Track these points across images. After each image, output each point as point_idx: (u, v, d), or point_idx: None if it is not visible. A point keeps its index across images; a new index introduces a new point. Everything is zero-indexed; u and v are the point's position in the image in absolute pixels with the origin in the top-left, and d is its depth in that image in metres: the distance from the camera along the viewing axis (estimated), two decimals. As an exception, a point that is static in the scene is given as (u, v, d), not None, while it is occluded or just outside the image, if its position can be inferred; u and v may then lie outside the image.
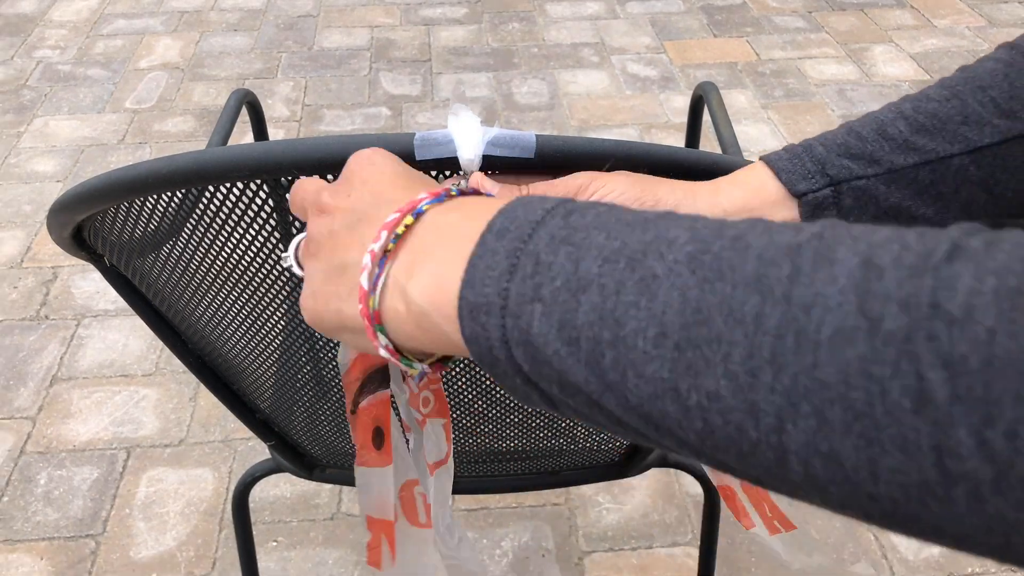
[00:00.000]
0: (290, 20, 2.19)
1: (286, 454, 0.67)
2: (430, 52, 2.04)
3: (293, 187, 0.32)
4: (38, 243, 1.48)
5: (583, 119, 1.81)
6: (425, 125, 1.78)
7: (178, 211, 0.41)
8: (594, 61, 2.01)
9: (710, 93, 0.67)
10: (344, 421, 0.61)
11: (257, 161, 0.36)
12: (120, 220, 0.43)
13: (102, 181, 0.39)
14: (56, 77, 1.95)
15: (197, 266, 0.45)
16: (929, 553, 1.00)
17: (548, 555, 1.00)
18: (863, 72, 1.95)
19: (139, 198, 0.40)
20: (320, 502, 1.06)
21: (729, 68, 1.98)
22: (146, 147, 1.73)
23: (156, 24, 2.16)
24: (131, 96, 1.88)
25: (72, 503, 1.06)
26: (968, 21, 2.16)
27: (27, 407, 1.19)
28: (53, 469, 1.11)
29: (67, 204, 0.41)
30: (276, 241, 0.43)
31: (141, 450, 1.13)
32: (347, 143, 0.35)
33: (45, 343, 1.29)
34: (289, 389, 0.60)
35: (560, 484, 0.73)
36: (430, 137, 0.35)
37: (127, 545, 1.01)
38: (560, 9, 2.24)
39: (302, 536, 1.02)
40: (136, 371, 1.25)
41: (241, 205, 0.40)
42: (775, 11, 2.22)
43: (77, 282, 1.39)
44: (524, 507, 1.05)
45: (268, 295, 0.47)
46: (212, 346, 0.55)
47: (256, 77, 1.96)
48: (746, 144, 1.76)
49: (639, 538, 1.02)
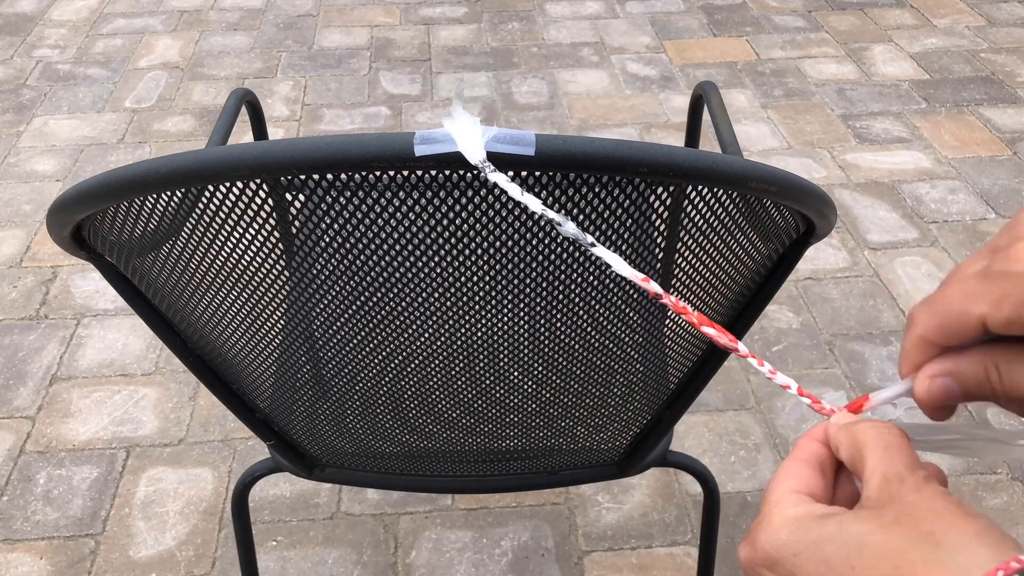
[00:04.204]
0: (290, 19, 2.19)
1: (286, 453, 0.67)
2: (430, 52, 2.03)
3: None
4: (38, 242, 1.48)
5: (582, 119, 1.81)
6: (425, 125, 1.78)
7: (178, 210, 0.41)
8: (594, 61, 2.00)
9: (710, 93, 0.67)
10: (344, 420, 0.61)
11: (256, 160, 0.36)
12: (120, 220, 0.43)
13: (102, 181, 0.38)
14: (56, 76, 1.95)
15: (197, 266, 0.45)
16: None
17: (548, 554, 1.00)
18: (863, 72, 1.95)
19: (139, 198, 0.40)
20: (320, 501, 1.06)
21: (729, 68, 1.97)
22: (146, 146, 1.73)
23: (156, 23, 2.16)
24: (131, 95, 1.88)
25: (72, 502, 1.06)
26: (968, 20, 2.16)
27: (26, 406, 1.19)
28: (53, 468, 1.11)
29: (67, 203, 0.41)
30: (276, 240, 0.42)
31: (141, 449, 1.13)
32: (347, 143, 0.35)
33: (45, 342, 1.29)
34: (289, 388, 0.60)
35: (559, 484, 0.73)
36: (430, 136, 0.35)
37: (127, 545, 1.01)
38: (560, 8, 2.24)
39: (302, 535, 1.02)
40: (136, 370, 1.25)
41: (241, 204, 0.40)
42: (775, 10, 2.21)
43: (77, 281, 1.39)
44: (523, 506, 1.05)
45: (268, 295, 0.47)
46: (212, 345, 0.55)
47: (256, 76, 1.96)
48: (746, 144, 1.76)
49: (639, 537, 1.02)
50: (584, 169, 0.37)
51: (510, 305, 0.47)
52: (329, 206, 0.40)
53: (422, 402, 0.58)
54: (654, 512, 1.05)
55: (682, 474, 1.09)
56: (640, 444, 0.67)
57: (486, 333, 0.50)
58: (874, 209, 1.54)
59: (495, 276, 0.45)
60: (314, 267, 0.45)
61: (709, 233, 0.44)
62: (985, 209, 1.54)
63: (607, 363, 0.55)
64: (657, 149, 0.38)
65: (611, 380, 0.57)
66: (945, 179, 1.62)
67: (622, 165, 0.37)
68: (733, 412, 1.18)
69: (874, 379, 1.23)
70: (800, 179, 0.42)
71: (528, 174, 0.38)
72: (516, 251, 0.43)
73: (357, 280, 0.45)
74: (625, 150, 0.37)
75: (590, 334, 0.51)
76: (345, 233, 0.42)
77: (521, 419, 0.60)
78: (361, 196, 0.40)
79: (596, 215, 0.41)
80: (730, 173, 0.39)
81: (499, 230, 0.41)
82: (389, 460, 0.68)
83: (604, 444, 0.66)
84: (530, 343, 0.51)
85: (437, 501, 1.06)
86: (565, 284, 0.46)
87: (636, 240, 0.44)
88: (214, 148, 0.37)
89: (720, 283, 0.50)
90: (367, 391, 0.57)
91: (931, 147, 1.71)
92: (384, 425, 0.62)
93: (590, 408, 0.60)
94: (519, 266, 0.44)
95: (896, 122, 1.78)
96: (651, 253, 0.47)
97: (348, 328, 0.50)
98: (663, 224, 0.44)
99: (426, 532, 1.03)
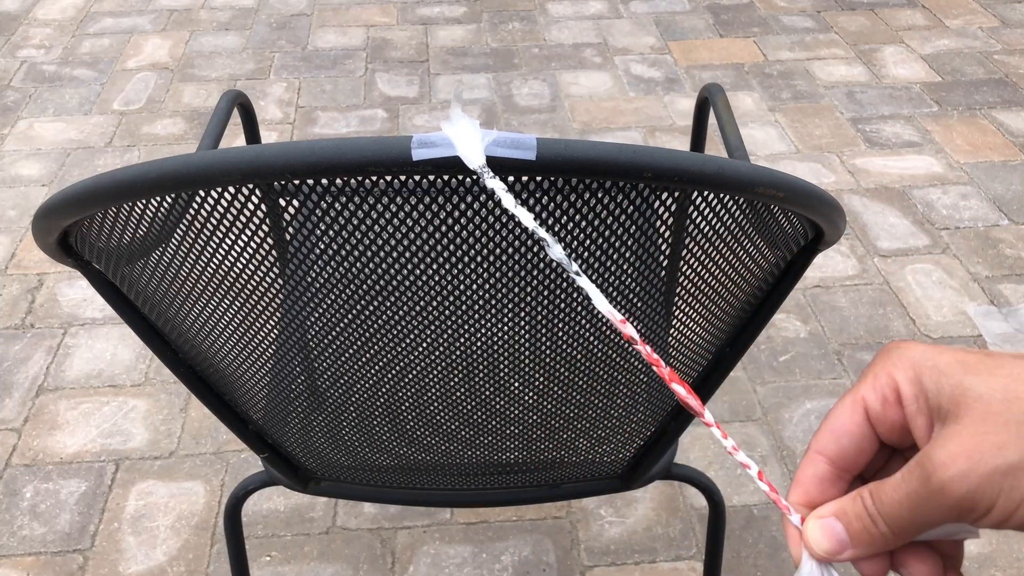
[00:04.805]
0: (283, 19, 2.18)
1: (280, 466, 0.66)
2: (428, 52, 2.03)
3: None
4: (23, 249, 1.46)
5: (585, 121, 1.80)
6: (422, 128, 1.77)
7: (167, 216, 0.39)
8: (597, 62, 2.00)
9: (716, 95, 0.66)
10: (340, 432, 0.60)
11: (249, 165, 0.35)
12: (108, 226, 0.42)
13: (89, 185, 0.37)
14: (41, 77, 1.93)
15: (187, 273, 0.44)
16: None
17: (549, 569, 0.98)
18: (873, 74, 1.94)
19: (127, 203, 0.39)
20: (315, 516, 1.04)
21: (735, 69, 1.97)
22: (134, 150, 1.72)
23: (144, 23, 2.15)
24: (119, 97, 1.87)
25: (59, 517, 1.04)
26: (981, 21, 2.15)
27: (12, 418, 1.17)
28: (39, 482, 1.08)
29: (53, 209, 0.40)
30: (269, 247, 0.41)
31: (130, 462, 1.11)
32: (342, 146, 0.34)
33: (31, 352, 1.27)
34: (283, 400, 0.58)
35: (561, 497, 0.71)
36: (428, 140, 0.33)
37: (116, 560, 0.99)
38: (562, 8, 2.23)
39: (296, 551, 1.00)
40: (125, 381, 1.23)
41: (233, 210, 0.38)
42: (783, 11, 2.20)
43: (63, 289, 1.37)
44: (524, 520, 1.03)
45: (261, 303, 0.46)
46: (203, 356, 0.54)
47: (248, 78, 1.95)
48: (753, 148, 1.75)
49: (642, 552, 1.00)
50: (586, 174, 0.36)
51: (510, 314, 0.46)
52: (324, 212, 0.39)
53: (420, 414, 0.57)
54: (658, 526, 1.03)
55: (687, 487, 1.07)
56: (644, 457, 0.65)
57: (486, 343, 0.49)
58: (884, 215, 1.53)
59: (495, 284, 0.43)
60: (308, 275, 0.43)
61: (715, 240, 0.43)
62: (998, 215, 1.53)
63: (610, 373, 0.53)
64: (661, 154, 0.37)
65: (614, 391, 0.56)
66: (957, 184, 1.60)
67: (625, 170, 0.36)
68: (739, 423, 1.16)
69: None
70: (808, 184, 0.41)
71: (529, 179, 0.36)
72: (517, 258, 0.42)
73: (353, 288, 0.44)
74: (629, 154, 0.36)
75: (592, 343, 0.50)
76: (340, 240, 0.40)
77: (522, 431, 0.59)
78: (357, 202, 0.38)
79: (599, 221, 0.40)
80: (737, 178, 0.38)
81: (499, 236, 0.40)
82: (386, 473, 0.67)
83: (607, 457, 0.65)
84: (531, 353, 0.50)
85: (435, 515, 1.04)
86: (567, 292, 0.45)
87: (640, 247, 0.43)
88: (205, 152, 0.35)
89: (726, 291, 0.49)
90: (363, 402, 0.56)
91: (943, 151, 1.69)
92: (381, 437, 0.61)
93: (593, 420, 0.59)
94: (519, 273, 0.43)
95: (907, 126, 1.77)
96: (655, 260, 0.46)
97: (344, 337, 0.49)
98: (667, 231, 0.43)
99: (424, 547, 1.01)
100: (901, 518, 0.25)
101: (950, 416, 0.25)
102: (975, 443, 0.23)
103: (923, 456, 0.25)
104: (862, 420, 0.27)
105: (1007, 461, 0.23)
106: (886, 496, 0.25)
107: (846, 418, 0.27)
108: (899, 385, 0.26)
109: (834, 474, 0.28)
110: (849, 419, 0.27)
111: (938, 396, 0.25)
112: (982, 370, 0.25)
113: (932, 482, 0.24)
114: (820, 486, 0.28)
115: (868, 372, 0.28)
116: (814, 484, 0.28)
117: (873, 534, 0.26)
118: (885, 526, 0.25)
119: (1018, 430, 0.23)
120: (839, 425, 0.28)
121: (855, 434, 0.27)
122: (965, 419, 0.24)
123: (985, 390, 0.24)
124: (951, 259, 1.43)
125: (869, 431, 0.27)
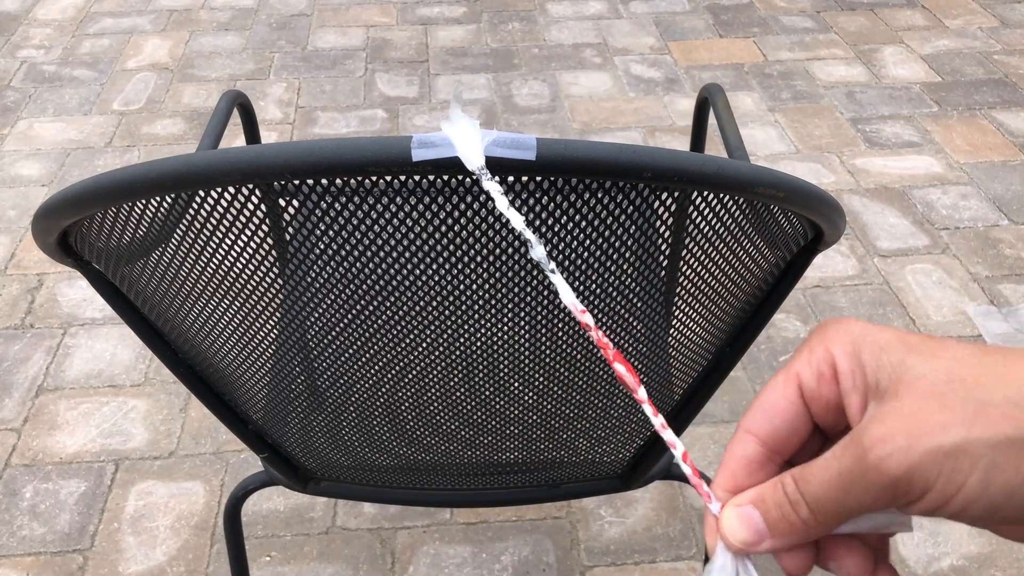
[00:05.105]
0: (283, 19, 2.18)
1: (280, 467, 0.66)
2: (427, 52, 2.02)
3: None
4: (23, 249, 1.46)
5: (585, 122, 1.80)
6: (422, 128, 1.77)
7: (167, 216, 0.39)
8: (596, 62, 1.99)
9: (716, 95, 0.66)
10: (340, 432, 0.60)
11: (249, 165, 0.35)
12: (107, 226, 0.42)
13: (88, 186, 0.37)
14: (41, 78, 1.93)
15: (187, 273, 0.44)
16: (938, 567, 0.99)
17: (549, 570, 0.98)
18: (873, 74, 1.94)
19: (127, 203, 0.39)
20: (315, 516, 1.04)
21: (735, 69, 1.96)
22: (134, 150, 1.71)
23: (144, 23, 2.14)
24: (119, 97, 1.86)
25: (59, 517, 1.04)
26: (981, 22, 2.15)
27: (12, 418, 1.17)
28: (39, 482, 1.08)
29: (52, 209, 0.40)
30: (269, 247, 0.41)
31: (130, 462, 1.11)
32: (342, 146, 0.34)
33: (30, 352, 1.27)
34: (283, 400, 0.58)
35: (561, 497, 0.71)
36: (428, 140, 0.33)
37: (116, 560, 0.99)
38: (561, 8, 2.23)
39: (296, 551, 1.00)
40: (125, 381, 1.22)
41: (232, 210, 0.38)
42: (783, 11, 2.20)
43: (63, 289, 1.37)
44: (524, 520, 1.03)
45: (260, 303, 0.46)
46: (203, 356, 0.54)
47: (248, 78, 1.95)
48: (752, 148, 1.75)
49: (642, 552, 1.00)
50: (586, 174, 0.36)
51: (510, 314, 0.46)
52: (324, 212, 0.39)
53: (420, 414, 0.57)
54: (658, 526, 1.03)
55: (687, 487, 1.07)
56: (644, 456, 0.65)
57: (486, 342, 0.49)
58: (884, 215, 1.53)
59: (495, 284, 0.43)
60: (308, 275, 0.43)
61: (715, 240, 0.43)
62: (998, 216, 1.53)
63: (610, 373, 0.53)
64: (661, 154, 0.37)
65: (614, 391, 0.56)
66: (957, 184, 1.60)
67: (625, 170, 0.36)
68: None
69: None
70: (808, 184, 0.41)
71: (529, 179, 0.36)
72: (516, 258, 0.42)
73: (353, 288, 0.44)
74: (629, 155, 0.36)
75: (592, 343, 0.50)
76: (340, 240, 0.40)
77: (522, 431, 0.59)
78: (357, 202, 0.38)
79: (599, 221, 0.40)
80: (736, 178, 0.38)
81: (499, 237, 0.40)
82: (386, 473, 0.67)
83: (607, 457, 0.65)
84: (531, 353, 0.50)
85: (435, 515, 1.04)
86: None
87: (640, 247, 0.43)
88: (205, 152, 0.35)
89: (726, 291, 0.49)
90: (363, 402, 0.56)
91: (942, 152, 1.69)
92: (381, 437, 0.60)
93: (592, 420, 0.59)
94: (519, 273, 0.43)
95: (907, 126, 1.77)
96: (655, 260, 0.46)
97: (344, 337, 0.49)
98: (667, 230, 0.43)
99: (424, 547, 1.01)
100: (829, 501, 0.23)
101: (888, 393, 0.23)
102: (917, 421, 0.22)
103: (858, 432, 0.23)
104: (796, 397, 0.25)
105: (951, 441, 0.21)
106: (813, 477, 0.23)
107: (779, 395, 0.25)
108: (836, 360, 0.24)
109: (764, 456, 0.26)
110: (782, 396, 0.25)
111: (876, 372, 0.23)
112: (925, 351, 0.23)
113: (867, 459, 0.22)
114: (748, 468, 0.26)
115: (804, 347, 0.26)
116: (742, 467, 0.26)
117: (793, 522, 0.24)
118: (808, 512, 0.24)
119: (963, 410, 0.22)
120: (771, 402, 0.25)
121: (788, 412, 0.25)
122: (906, 397, 0.22)
123: (928, 370, 0.23)
124: (951, 259, 1.43)
125: (803, 409, 0.25)
